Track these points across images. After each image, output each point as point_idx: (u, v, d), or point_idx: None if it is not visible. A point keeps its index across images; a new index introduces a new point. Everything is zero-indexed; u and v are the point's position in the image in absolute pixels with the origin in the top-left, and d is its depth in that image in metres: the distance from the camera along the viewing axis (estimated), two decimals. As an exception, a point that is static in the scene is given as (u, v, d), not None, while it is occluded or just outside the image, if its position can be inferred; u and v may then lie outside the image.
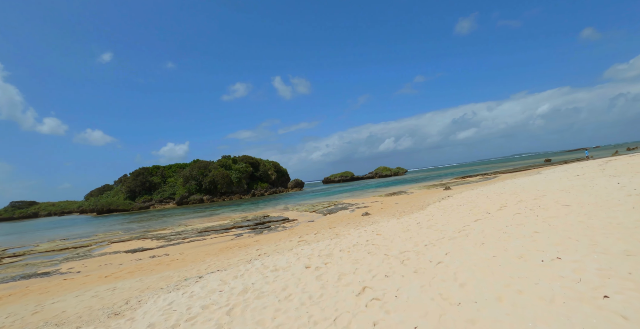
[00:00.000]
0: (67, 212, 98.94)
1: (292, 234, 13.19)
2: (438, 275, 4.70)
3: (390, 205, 19.63)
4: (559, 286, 3.77)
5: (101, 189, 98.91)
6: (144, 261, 12.65)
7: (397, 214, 13.77)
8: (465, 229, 7.70)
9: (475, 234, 7.00)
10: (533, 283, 3.96)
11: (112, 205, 75.07)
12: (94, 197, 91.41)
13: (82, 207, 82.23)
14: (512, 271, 4.45)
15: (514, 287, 3.93)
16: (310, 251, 7.82)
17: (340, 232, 10.56)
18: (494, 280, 4.21)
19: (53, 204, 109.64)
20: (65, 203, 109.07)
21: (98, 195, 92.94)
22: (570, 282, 3.84)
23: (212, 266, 8.59)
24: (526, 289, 3.83)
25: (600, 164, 26.60)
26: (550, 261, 4.60)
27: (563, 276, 4.01)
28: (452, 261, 5.25)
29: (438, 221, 9.63)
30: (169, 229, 24.15)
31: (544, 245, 5.39)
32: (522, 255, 5.03)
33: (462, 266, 4.94)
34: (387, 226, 10.23)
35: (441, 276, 4.66)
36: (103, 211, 73.09)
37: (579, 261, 4.43)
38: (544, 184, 16.32)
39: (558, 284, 3.84)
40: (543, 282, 3.94)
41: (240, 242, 13.02)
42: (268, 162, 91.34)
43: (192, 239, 16.76)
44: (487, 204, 11.70)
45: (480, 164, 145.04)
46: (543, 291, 3.72)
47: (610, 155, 48.21)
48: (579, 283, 3.80)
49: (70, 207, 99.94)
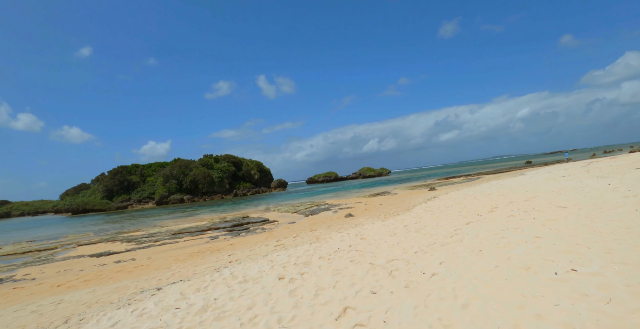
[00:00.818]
0: (41, 212, 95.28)
1: (270, 237, 12.28)
2: (434, 292, 3.92)
3: (375, 206, 18.93)
4: (586, 309, 3.04)
5: (77, 188, 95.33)
6: (106, 267, 11.50)
7: (382, 216, 13.04)
8: (458, 233, 6.99)
9: (470, 239, 6.29)
10: (552, 303, 3.22)
11: (88, 205, 72.03)
12: (69, 196, 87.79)
13: (57, 207, 78.66)
14: (522, 286, 3.71)
15: (530, 309, 3.18)
16: (287, 258, 6.96)
17: (321, 236, 9.72)
18: (503, 299, 3.46)
19: (27, 204, 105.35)
20: (39, 203, 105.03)
21: (74, 194, 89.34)
22: (598, 302, 3.12)
23: (176, 275, 7.61)
24: (546, 312, 3.08)
25: (582, 165, 26.72)
26: (565, 273, 3.88)
27: (587, 295, 3.29)
28: (448, 273, 4.49)
29: (427, 223, 8.92)
30: (143, 231, 22.82)
31: (551, 253, 4.70)
32: (529, 266, 4.31)
33: (461, 279, 4.18)
34: (372, 229, 9.46)
35: (438, 292, 3.88)
36: (78, 211, 70.00)
37: (599, 273, 3.74)
38: (531, 185, 15.94)
39: (583, 305, 3.11)
40: (564, 302, 3.20)
41: (213, 246, 12.01)
42: (251, 161, 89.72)
43: (164, 242, 15.62)
44: (477, 206, 11.10)
45: (462, 165, 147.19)
46: (568, 315, 2.98)
47: (589, 157, 49.23)
48: (608, 303, 3.08)
49: (45, 206, 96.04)
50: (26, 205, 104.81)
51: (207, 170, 75.61)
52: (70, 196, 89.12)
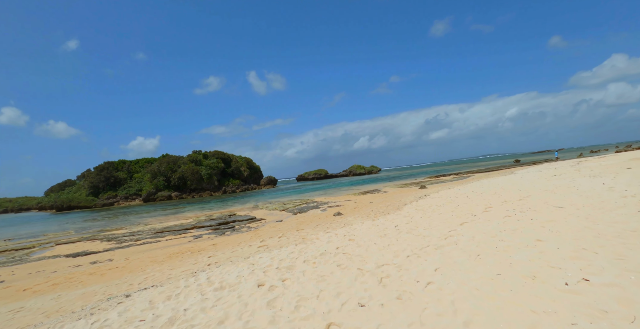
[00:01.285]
0: (25, 208, 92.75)
1: (254, 236, 11.73)
2: (430, 305, 3.44)
3: (365, 204, 18.51)
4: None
5: (62, 184, 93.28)
6: (80, 268, 10.81)
7: (371, 215, 12.60)
8: (452, 234, 6.56)
9: (466, 241, 5.86)
10: (568, 322, 2.78)
11: (73, 201, 70.04)
12: (54, 193, 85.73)
13: (41, 204, 76.42)
14: (530, 299, 3.26)
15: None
16: (269, 261, 6.43)
17: (308, 236, 9.22)
18: (511, 316, 3.00)
19: (10, 200, 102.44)
20: (23, 199, 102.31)
21: (59, 191, 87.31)
22: (621, 321, 2.68)
23: (149, 279, 7.02)
24: (563, 334, 2.63)
25: (572, 164, 26.73)
26: (577, 283, 3.45)
27: (607, 311, 2.85)
28: (445, 281, 4.03)
29: (418, 223, 8.49)
30: (126, 229, 22.01)
31: (556, 259, 4.27)
32: (534, 274, 3.88)
33: (460, 289, 3.72)
34: (361, 229, 8.99)
35: (434, 306, 3.41)
36: (63, 207, 68.04)
37: (614, 284, 3.31)
38: (523, 183, 15.69)
39: (605, 325, 2.67)
40: (582, 321, 2.76)
41: (195, 246, 11.41)
42: (240, 158, 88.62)
43: (146, 241, 14.94)
44: (470, 205, 10.72)
45: (452, 163, 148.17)
46: (589, 338, 2.53)
47: (576, 157, 49.73)
48: (633, 323, 2.65)
49: (29, 203, 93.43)
50: (9, 201, 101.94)
51: (195, 166, 74.33)
52: (55, 192, 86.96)
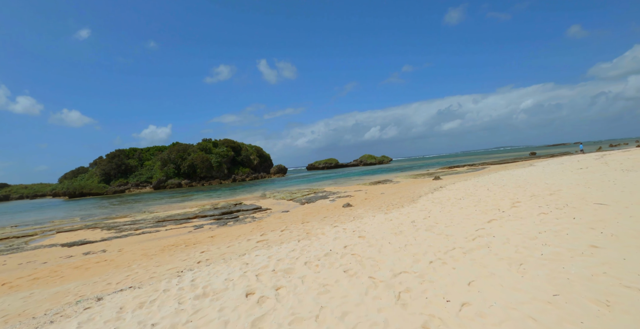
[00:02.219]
0: (40, 195, 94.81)
1: (256, 228, 10.89)
2: (470, 342, 2.49)
3: (376, 195, 17.51)
4: None
5: (75, 171, 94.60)
6: (70, 260, 10.18)
7: (384, 207, 11.62)
8: (481, 234, 5.55)
9: (500, 244, 4.85)
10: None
11: (85, 188, 70.82)
12: (67, 180, 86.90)
13: (55, 191, 77.57)
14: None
15: None
16: (265, 261, 5.55)
17: (313, 231, 8.31)
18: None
19: (26, 187, 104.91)
20: (38, 186, 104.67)
21: (72, 178, 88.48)
22: None
23: (131, 277, 6.23)
24: None
25: (595, 157, 25.16)
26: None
27: None
28: (485, 303, 3.06)
29: (438, 219, 7.48)
30: (130, 217, 21.56)
31: (629, 275, 3.25)
32: (607, 298, 2.87)
33: (510, 318, 2.74)
34: (373, 224, 8.03)
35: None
36: (75, 194, 68.89)
37: None
38: (548, 176, 14.45)
39: None
40: None
41: (192, 238, 10.65)
42: (250, 146, 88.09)
43: (145, 231, 14.31)
44: (494, 199, 9.64)
45: (464, 155, 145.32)
46: None
47: (595, 150, 47.67)
48: None
49: (44, 190, 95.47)
50: (25, 188, 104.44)
51: (205, 154, 74.09)
52: (68, 179, 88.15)
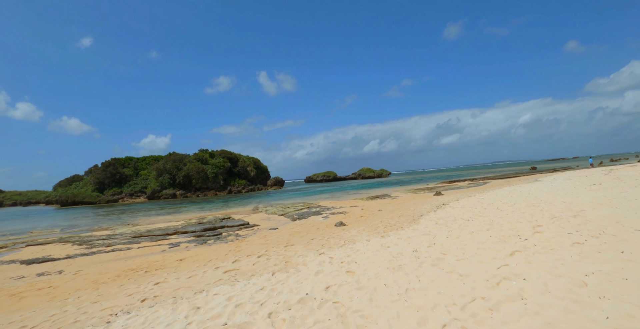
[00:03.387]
0: (34, 202, 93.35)
1: (233, 251, 9.47)
2: None
3: (373, 212, 16.14)
4: None
5: (70, 179, 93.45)
6: (18, 282, 8.75)
7: (380, 228, 10.26)
8: (506, 274, 4.22)
9: (538, 295, 3.52)
10: None
11: (78, 197, 69.18)
12: (62, 187, 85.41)
13: (48, 198, 75.83)
14: None
15: None
16: (221, 307, 4.20)
17: (293, 259, 6.94)
18: None
19: (20, 194, 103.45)
20: (33, 193, 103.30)
21: (67, 185, 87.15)
22: None
23: (53, 319, 4.85)
24: None
25: (604, 173, 23.97)
26: None
27: None
28: None
29: (446, 247, 6.14)
30: (110, 230, 20.12)
31: None
32: None
33: None
34: (367, 251, 6.67)
35: None
36: (67, 203, 67.23)
37: None
38: (561, 193, 13.14)
39: None
40: None
41: (159, 261, 9.24)
42: (248, 158, 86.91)
43: (116, 248, 12.90)
44: (508, 221, 8.31)
45: (463, 169, 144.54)
46: None
47: (597, 165, 46.77)
48: None
49: (38, 197, 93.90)
50: (19, 195, 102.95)
51: (201, 165, 72.81)
52: (63, 187, 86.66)
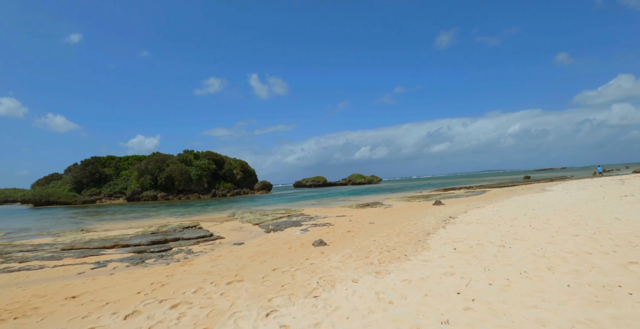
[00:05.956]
0: (10, 201, 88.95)
1: (156, 284, 6.43)
2: None
3: (363, 225, 13.27)
4: None
5: (49, 178, 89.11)
6: None
7: (374, 255, 7.41)
8: None
9: None
10: None
11: (53, 197, 64.82)
12: (40, 186, 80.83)
13: (24, 197, 71.10)
14: None
15: None
16: None
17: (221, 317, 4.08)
18: None
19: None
20: (10, 191, 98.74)
21: (44, 184, 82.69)
22: None
23: None
24: None
25: (618, 182, 21.73)
26: None
27: None
28: None
29: (497, 308, 3.37)
30: (56, 236, 16.86)
31: None
32: None
33: None
34: (350, 311, 3.84)
35: None
36: (42, 202, 62.86)
37: None
38: (594, 206, 10.52)
39: None
40: None
41: (47, 296, 6.26)
42: (235, 160, 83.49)
43: (28, 265, 9.83)
44: (565, 249, 5.56)
45: (453, 177, 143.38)
46: None
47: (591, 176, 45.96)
48: None
49: (15, 195, 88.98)
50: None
51: (185, 166, 69.16)
52: (40, 185, 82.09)
